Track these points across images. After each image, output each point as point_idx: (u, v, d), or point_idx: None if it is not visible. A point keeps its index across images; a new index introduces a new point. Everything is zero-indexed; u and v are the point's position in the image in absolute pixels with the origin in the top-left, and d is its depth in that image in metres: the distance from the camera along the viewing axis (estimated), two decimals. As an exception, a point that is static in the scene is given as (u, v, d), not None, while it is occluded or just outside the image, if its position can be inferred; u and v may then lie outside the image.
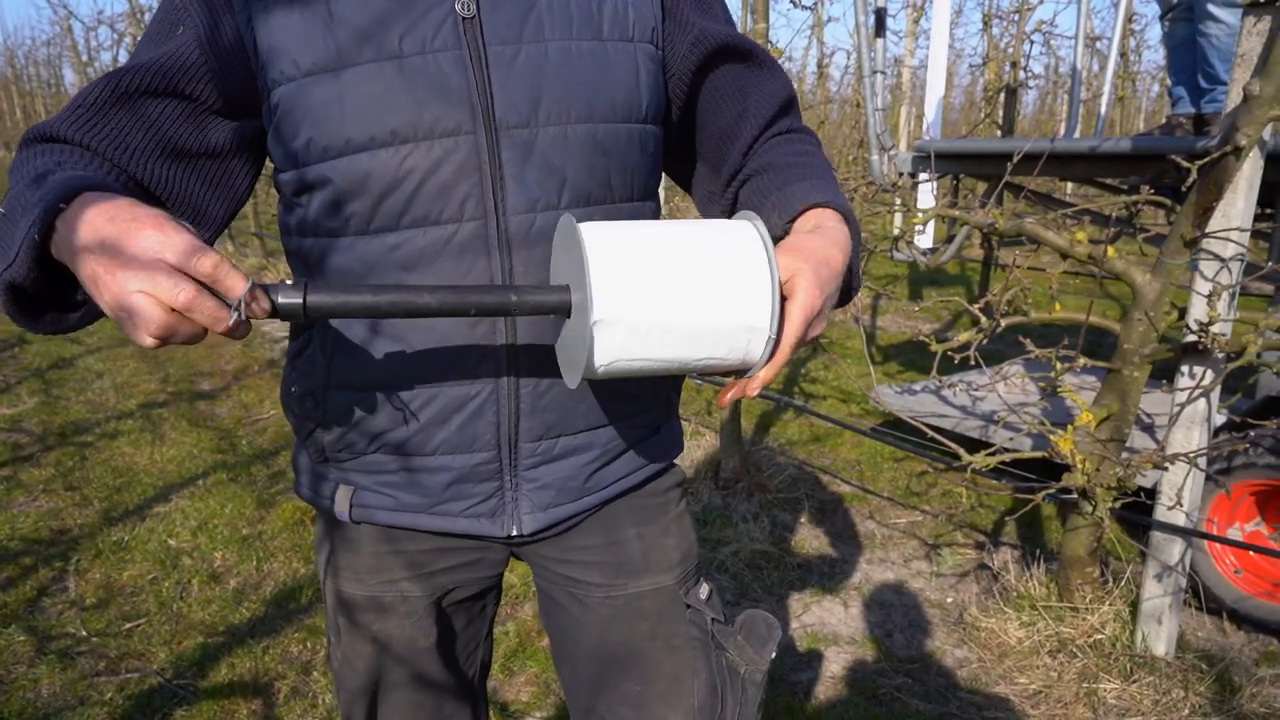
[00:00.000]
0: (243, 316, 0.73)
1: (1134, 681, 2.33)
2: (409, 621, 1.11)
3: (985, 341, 2.41)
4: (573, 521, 1.11)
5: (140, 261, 0.70)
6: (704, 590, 1.18)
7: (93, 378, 5.22)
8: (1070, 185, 9.77)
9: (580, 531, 1.12)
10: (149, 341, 0.72)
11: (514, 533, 1.07)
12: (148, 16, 10.16)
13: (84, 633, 2.63)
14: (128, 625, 2.67)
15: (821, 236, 0.90)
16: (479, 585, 1.16)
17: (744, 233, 0.84)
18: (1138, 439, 3.13)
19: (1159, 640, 2.40)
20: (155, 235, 0.71)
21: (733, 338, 0.81)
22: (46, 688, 2.38)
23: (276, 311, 0.76)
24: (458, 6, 0.92)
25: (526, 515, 1.06)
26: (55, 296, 0.82)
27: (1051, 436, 2.27)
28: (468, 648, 1.20)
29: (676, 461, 1.22)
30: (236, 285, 0.73)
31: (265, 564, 3.05)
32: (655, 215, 1.09)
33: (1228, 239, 2.08)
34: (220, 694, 2.36)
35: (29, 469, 3.84)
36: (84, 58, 14.77)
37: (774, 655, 1.18)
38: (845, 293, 0.97)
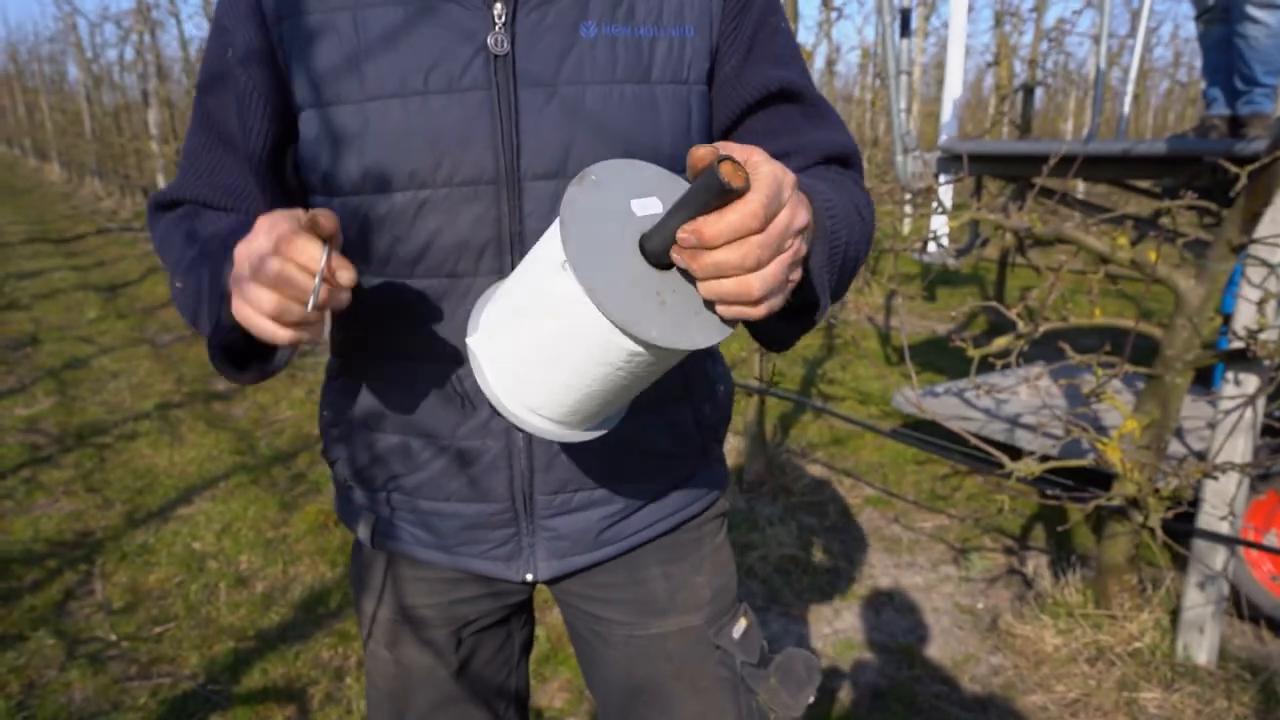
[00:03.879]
0: (320, 291, 0.71)
1: (1176, 691, 2.31)
2: (428, 649, 1.09)
3: (1026, 347, 2.39)
4: (593, 566, 1.07)
5: (249, 263, 0.73)
6: (739, 627, 1.12)
7: (108, 378, 5.20)
8: (1083, 186, 9.74)
9: (603, 568, 1.08)
10: (269, 328, 0.72)
11: (529, 578, 1.04)
12: (154, 14, 10.11)
13: (113, 637, 2.61)
14: (157, 629, 2.66)
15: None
16: (502, 612, 1.12)
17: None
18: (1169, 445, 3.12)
19: (1201, 649, 2.39)
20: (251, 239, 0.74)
21: (555, 293, 0.68)
22: (79, 692, 2.36)
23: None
24: (490, 42, 0.85)
25: (543, 563, 1.03)
26: (255, 350, 0.85)
27: (1098, 444, 2.25)
28: (496, 676, 1.16)
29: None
30: (308, 252, 0.70)
31: (291, 567, 3.03)
32: None
33: (1277, 244, 2.06)
34: (254, 699, 2.34)
35: (48, 470, 3.82)
36: (89, 55, 14.71)
37: (812, 699, 1.12)
38: (801, 310, 0.82)
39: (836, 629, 2.74)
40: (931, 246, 3.36)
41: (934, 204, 2.78)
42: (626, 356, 0.68)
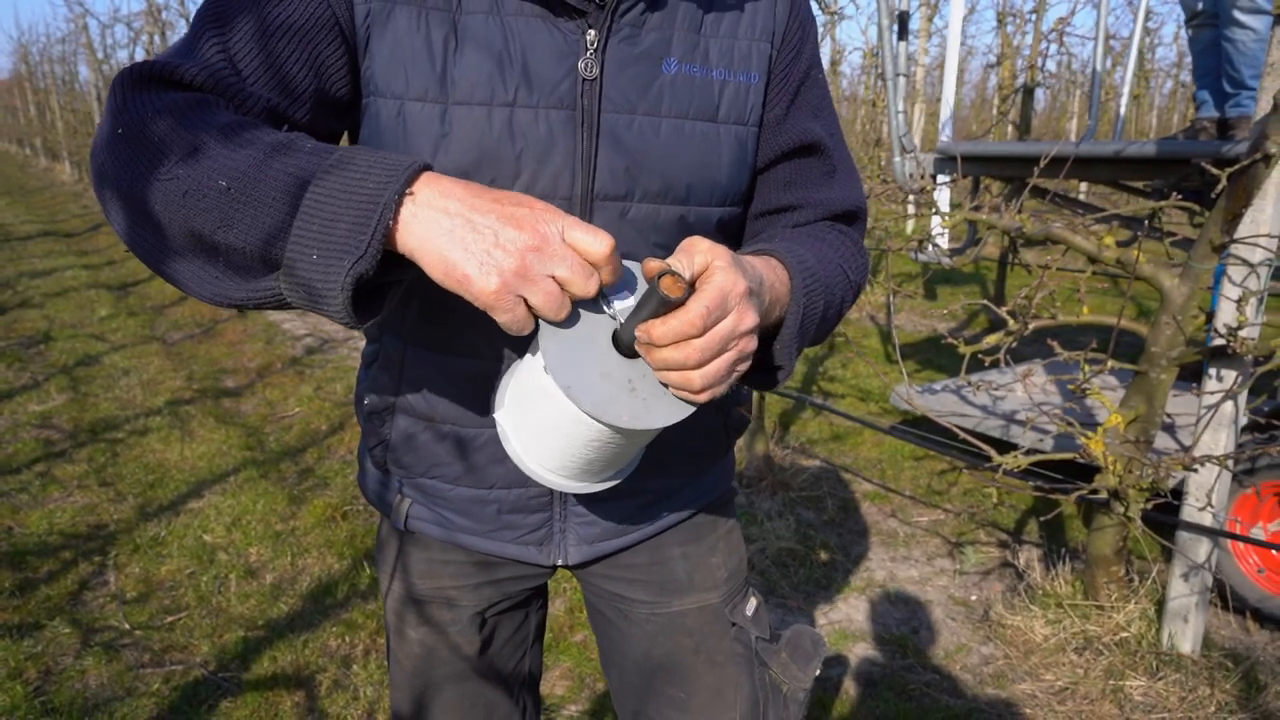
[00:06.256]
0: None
1: (1160, 679, 2.37)
2: (454, 629, 1.14)
3: (1014, 344, 2.45)
4: (619, 551, 1.14)
5: (556, 246, 0.71)
6: (750, 606, 1.20)
7: (119, 374, 5.28)
8: (1084, 185, 9.78)
9: (627, 551, 1.14)
10: (525, 327, 0.72)
11: (560, 562, 1.10)
12: (165, 15, 10.21)
13: (127, 626, 2.68)
14: (169, 619, 2.73)
15: (754, 258, 0.86)
16: (524, 595, 1.18)
17: None
18: (1158, 439, 3.17)
19: (1185, 638, 2.44)
20: (560, 222, 0.72)
21: (543, 383, 0.79)
22: (94, 679, 2.44)
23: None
24: (580, 66, 0.89)
25: (574, 547, 1.09)
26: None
27: (1083, 438, 2.31)
28: (513, 656, 1.22)
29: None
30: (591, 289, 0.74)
31: (299, 559, 3.10)
32: None
33: (1256, 244, 2.12)
34: (263, 686, 2.41)
35: (62, 465, 3.90)
36: (99, 55, 14.84)
37: (818, 672, 1.20)
38: (768, 370, 0.91)
39: (832, 620, 2.80)
40: (929, 246, 3.42)
41: (918, 204, 2.84)
42: (609, 435, 0.80)
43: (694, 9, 0.95)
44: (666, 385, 0.79)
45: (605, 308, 0.79)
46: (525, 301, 0.72)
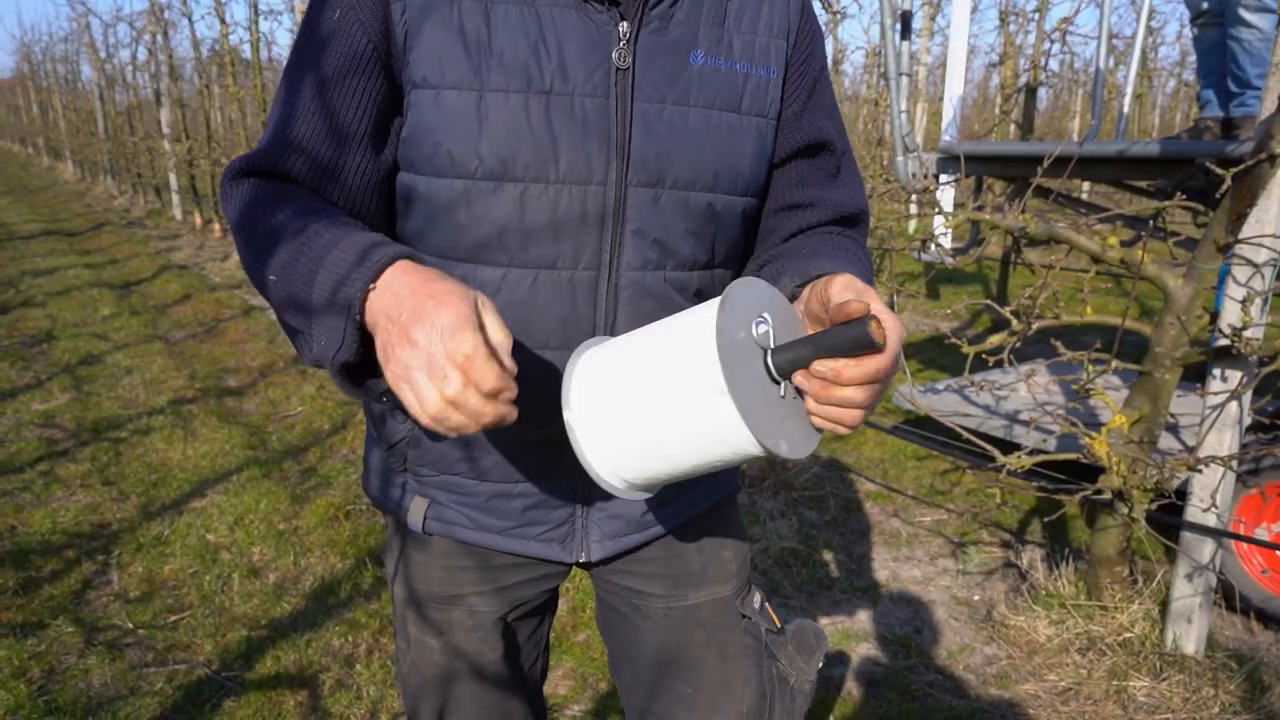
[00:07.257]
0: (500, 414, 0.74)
1: (1164, 680, 2.37)
2: (476, 635, 1.14)
3: (1018, 344, 2.45)
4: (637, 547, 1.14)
5: (422, 345, 0.72)
6: (757, 599, 1.22)
7: (122, 374, 5.28)
8: (1087, 185, 9.77)
9: (644, 547, 1.15)
10: (426, 421, 0.74)
11: (582, 558, 1.10)
12: (167, 14, 10.21)
13: (130, 625, 2.69)
14: (172, 618, 2.74)
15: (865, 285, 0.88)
16: (542, 597, 1.18)
17: (704, 307, 0.79)
18: (1162, 440, 3.16)
19: (1189, 639, 2.44)
20: (442, 318, 0.72)
21: (698, 403, 0.76)
22: (97, 678, 2.44)
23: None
24: (614, 56, 0.92)
25: (595, 543, 1.09)
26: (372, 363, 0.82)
27: (1086, 438, 2.30)
28: (529, 657, 1.22)
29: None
30: (490, 379, 0.72)
31: (302, 559, 3.10)
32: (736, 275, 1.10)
33: (1261, 245, 2.11)
34: (267, 686, 2.41)
35: (65, 464, 3.90)
36: (102, 54, 14.85)
37: (821, 664, 1.22)
38: None
39: (835, 619, 2.80)
40: (932, 246, 3.41)
41: (922, 204, 2.84)
42: (748, 457, 0.78)
43: (718, 3, 0.97)
44: (809, 415, 0.80)
45: (756, 336, 0.78)
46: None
